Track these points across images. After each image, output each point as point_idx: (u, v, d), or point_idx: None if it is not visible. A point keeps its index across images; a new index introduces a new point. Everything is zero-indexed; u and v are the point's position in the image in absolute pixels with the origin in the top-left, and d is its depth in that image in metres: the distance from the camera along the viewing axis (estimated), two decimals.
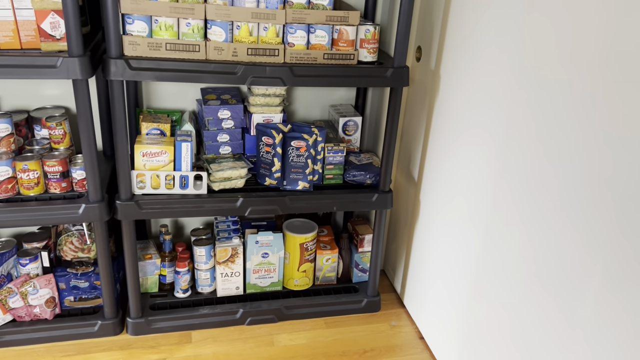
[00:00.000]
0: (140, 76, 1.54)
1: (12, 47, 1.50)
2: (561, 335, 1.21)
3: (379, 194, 1.87)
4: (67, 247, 1.88)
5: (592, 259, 1.11)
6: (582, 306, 1.14)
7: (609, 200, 1.06)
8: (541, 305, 1.28)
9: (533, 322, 1.31)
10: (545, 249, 1.25)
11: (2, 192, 1.63)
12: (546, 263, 1.25)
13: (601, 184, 1.08)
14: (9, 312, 1.76)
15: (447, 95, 1.72)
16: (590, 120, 1.11)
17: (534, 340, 1.30)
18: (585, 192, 1.12)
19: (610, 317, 1.07)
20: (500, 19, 1.41)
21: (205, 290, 1.98)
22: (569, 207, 1.17)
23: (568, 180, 1.17)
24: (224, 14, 1.56)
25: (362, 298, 2.05)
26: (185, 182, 1.74)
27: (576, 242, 1.15)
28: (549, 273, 1.24)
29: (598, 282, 1.10)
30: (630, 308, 1.02)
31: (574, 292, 1.16)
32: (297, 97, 2.12)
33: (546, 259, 1.25)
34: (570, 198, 1.16)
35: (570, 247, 1.17)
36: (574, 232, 1.16)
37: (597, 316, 1.10)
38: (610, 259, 1.07)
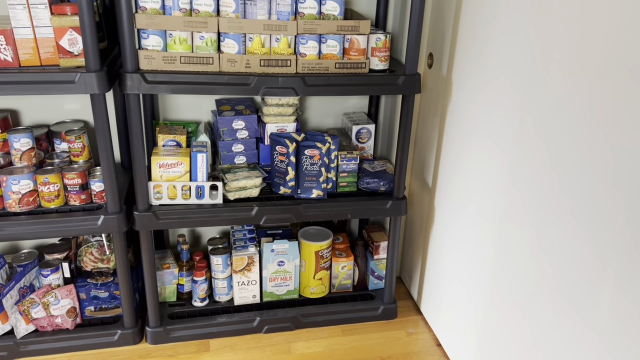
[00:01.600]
0: (155, 89, 1.57)
1: (32, 63, 1.55)
2: (576, 339, 1.20)
3: (393, 201, 1.88)
4: (87, 257, 1.91)
5: (604, 262, 1.10)
6: (597, 309, 1.13)
7: (620, 204, 1.06)
8: (556, 310, 1.26)
9: (549, 326, 1.30)
10: (558, 253, 1.25)
11: (23, 205, 1.68)
12: (559, 267, 1.24)
13: (612, 188, 1.08)
14: (32, 322, 1.80)
15: (459, 101, 1.72)
16: (600, 125, 1.10)
17: (550, 345, 1.29)
18: (596, 196, 1.12)
19: (625, 320, 1.06)
20: (511, 25, 1.41)
21: (222, 299, 2.00)
22: (580, 211, 1.16)
23: (579, 184, 1.17)
24: (236, 26, 1.59)
25: (379, 305, 2.05)
26: (201, 192, 1.76)
27: (588, 245, 1.15)
28: (563, 277, 1.23)
29: (611, 284, 1.09)
30: None
31: (588, 296, 1.16)
32: (310, 106, 2.14)
33: (559, 263, 1.24)
34: (581, 202, 1.16)
35: (583, 250, 1.16)
36: (586, 236, 1.15)
37: (612, 319, 1.09)
38: (623, 262, 1.06)
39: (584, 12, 1.14)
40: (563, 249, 1.24)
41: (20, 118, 1.91)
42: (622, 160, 1.06)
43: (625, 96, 1.05)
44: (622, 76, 1.05)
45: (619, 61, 1.05)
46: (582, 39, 1.15)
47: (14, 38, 1.51)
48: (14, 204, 1.67)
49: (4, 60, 1.51)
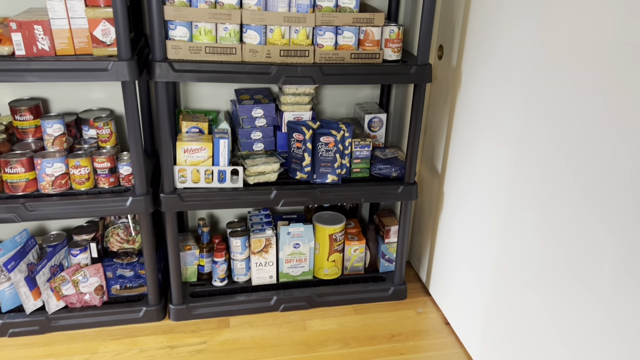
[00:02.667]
0: (182, 77, 1.67)
1: (67, 52, 1.64)
2: (578, 313, 1.29)
3: (404, 186, 1.97)
4: (113, 238, 2.02)
5: (605, 239, 1.19)
6: (598, 281, 1.22)
7: (619, 187, 1.15)
8: (560, 286, 1.36)
9: (552, 304, 1.39)
10: (561, 232, 1.34)
11: (56, 187, 1.78)
12: (563, 246, 1.33)
13: (611, 170, 1.17)
14: (62, 298, 1.90)
15: (468, 91, 1.81)
16: (601, 112, 1.19)
17: (554, 322, 1.38)
18: (596, 178, 1.21)
19: (623, 293, 1.15)
20: (519, 17, 1.50)
21: (240, 279, 2.10)
22: (581, 193, 1.25)
23: (582, 167, 1.26)
24: (258, 18, 1.69)
25: (389, 286, 2.14)
26: (223, 177, 1.86)
27: (589, 223, 1.24)
28: (566, 254, 1.32)
29: (610, 260, 1.18)
30: None
31: (589, 269, 1.25)
32: (324, 96, 2.23)
33: (563, 242, 1.33)
34: (583, 184, 1.25)
35: (584, 228, 1.25)
36: (587, 214, 1.24)
37: (612, 292, 1.18)
38: (622, 239, 1.15)
39: (591, 2, 1.23)
40: (566, 227, 1.33)
41: (50, 106, 2.01)
42: (619, 145, 1.15)
43: (629, 83, 1.14)
44: (627, 64, 1.14)
45: (623, 50, 1.14)
46: (589, 28, 1.24)
47: (50, 29, 1.60)
48: (48, 186, 1.77)
49: (41, 49, 1.61)
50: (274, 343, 1.89)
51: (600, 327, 1.23)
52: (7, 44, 1.60)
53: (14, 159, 1.72)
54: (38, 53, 1.61)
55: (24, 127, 1.86)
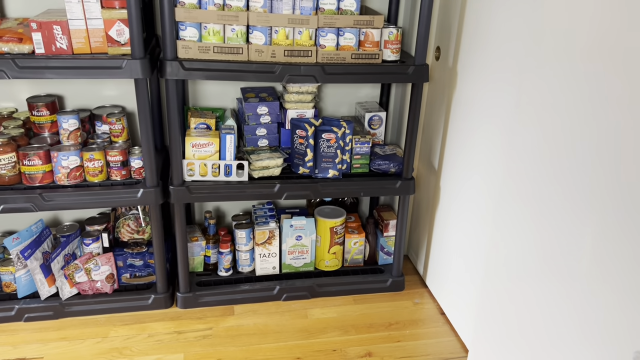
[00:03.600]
0: (191, 76, 1.77)
1: (83, 51, 1.74)
2: (568, 306, 1.37)
3: (402, 181, 2.06)
4: (124, 229, 2.11)
5: (595, 231, 1.28)
6: (586, 272, 1.31)
7: (606, 178, 1.24)
8: (550, 278, 1.44)
9: (542, 295, 1.47)
10: (550, 226, 1.42)
11: (71, 179, 1.87)
12: (552, 239, 1.42)
13: (593, 160, 1.25)
14: (75, 285, 2.00)
15: (463, 90, 1.90)
16: (585, 107, 1.28)
17: (540, 304, 1.47)
18: (584, 173, 1.30)
19: (604, 270, 1.24)
20: (510, 20, 1.59)
21: (245, 269, 2.19)
22: (566, 182, 1.34)
23: (567, 158, 1.34)
24: (264, 20, 1.78)
25: (388, 278, 2.23)
26: (229, 170, 1.95)
27: (578, 216, 1.32)
28: (554, 248, 1.41)
29: (593, 249, 1.26)
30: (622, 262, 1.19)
31: (576, 262, 1.33)
32: (326, 95, 2.32)
33: (552, 236, 1.42)
34: (570, 177, 1.34)
35: (572, 222, 1.34)
36: (568, 202, 1.33)
37: (597, 282, 1.27)
38: (601, 222, 1.23)
39: (577, 5, 1.32)
40: (555, 220, 1.41)
41: (65, 103, 2.11)
42: (600, 135, 1.24)
43: (604, 85, 1.22)
44: (604, 66, 1.23)
45: (600, 51, 1.23)
46: (570, 28, 1.33)
47: (69, 29, 1.70)
48: (63, 178, 1.86)
49: (59, 48, 1.71)
50: (276, 330, 1.98)
51: (587, 316, 1.31)
52: (27, 42, 1.70)
53: (32, 152, 1.82)
54: (56, 52, 1.71)
55: (40, 122, 1.95)
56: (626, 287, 1.18)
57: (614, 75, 1.20)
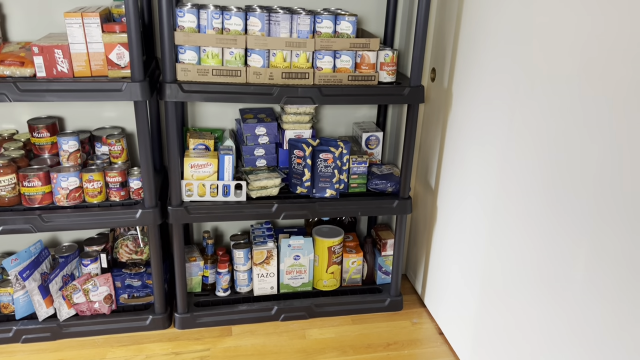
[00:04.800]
0: (190, 98, 1.79)
1: (84, 74, 1.77)
2: (564, 323, 1.38)
3: (399, 201, 2.08)
4: (122, 249, 2.12)
5: (577, 242, 1.29)
6: (581, 289, 1.32)
7: (589, 195, 1.25)
8: (546, 297, 1.45)
9: (539, 314, 1.48)
10: (544, 244, 1.44)
11: (70, 200, 1.89)
12: (547, 257, 1.43)
13: (581, 181, 1.27)
14: (73, 306, 2.00)
15: (458, 110, 1.93)
16: (574, 126, 1.30)
17: (541, 332, 1.47)
18: (569, 189, 1.31)
19: (598, 287, 1.24)
20: (502, 44, 1.62)
21: (243, 289, 2.19)
22: (558, 200, 1.36)
23: (559, 178, 1.36)
24: (262, 43, 1.81)
25: (386, 298, 2.23)
26: (227, 191, 1.97)
27: (564, 227, 1.34)
28: (549, 266, 1.42)
29: (584, 260, 1.28)
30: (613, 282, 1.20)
31: (571, 280, 1.34)
32: (324, 116, 2.35)
33: (547, 254, 1.43)
34: (561, 192, 1.35)
35: (559, 233, 1.35)
36: (562, 220, 1.34)
37: (593, 297, 1.28)
38: (592, 245, 1.25)
39: (558, 30, 1.35)
40: (549, 238, 1.43)
41: (65, 124, 2.13)
42: (588, 157, 1.26)
43: (591, 105, 1.25)
44: (590, 87, 1.26)
45: (587, 73, 1.26)
46: (560, 58, 1.36)
47: (70, 52, 1.73)
48: (62, 199, 1.88)
49: (60, 71, 1.74)
50: (274, 350, 1.98)
51: (584, 332, 1.32)
52: (29, 66, 1.73)
53: (32, 173, 1.83)
54: (57, 75, 1.74)
55: (41, 144, 1.98)
56: (621, 303, 1.18)
57: (602, 97, 1.22)
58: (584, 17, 1.27)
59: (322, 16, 1.84)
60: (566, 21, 1.33)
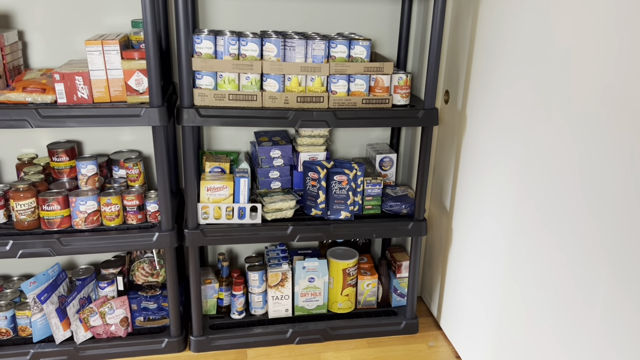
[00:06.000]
0: (207, 122, 1.82)
1: (103, 100, 1.80)
2: (585, 349, 1.36)
3: (414, 222, 2.07)
4: (139, 272, 2.13)
5: (598, 268, 1.28)
6: (601, 316, 1.30)
7: (609, 218, 1.24)
8: (561, 316, 1.43)
9: (559, 339, 1.46)
10: (564, 268, 1.42)
11: (88, 223, 1.91)
12: (566, 281, 1.42)
13: (602, 204, 1.27)
14: (90, 329, 2.00)
15: (473, 132, 1.94)
16: (594, 149, 1.30)
17: (559, 352, 1.45)
18: (591, 211, 1.31)
19: (619, 315, 1.23)
20: (518, 66, 1.63)
21: (258, 312, 2.19)
22: (578, 224, 1.35)
23: (578, 201, 1.35)
24: (277, 68, 1.84)
25: (401, 320, 2.21)
26: (242, 213, 1.98)
27: (584, 252, 1.33)
28: (565, 283, 1.41)
29: (604, 286, 1.26)
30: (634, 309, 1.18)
31: (585, 297, 1.33)
32: (337, 137, 2.37)
33: (567, 278, 1.42)
34: (580, 215, 1.34)
35: (580, 258, 1.34)
36: (582, 245, 1.33)
37: (614, 325, 1.26)
38: (613, 271, 1.23)
39: (579, 56, 1.36)
40: (568, 262, 1.41)
41: (83, 148, 2.17)
42: (608, 180, 1.25)
43: (611, 129, 1.25)
44: (609, 110, 1.26)
45: (605, 97, 1.26)
46: (576, 81, 1.37)
47: (90, 79, 1.77)
48: (81, 222, 1.90)
49: (80, 97, 1.77)
50: None
51: (606, 359, 1.30)
52: (50, 93, 1.77)
53: (51, 197, 1.86)
54: (78, 101, 1.78)
55: (60, 168, 2.01)
56: None
57: (617, 122, 1.22)
58: (604, 40, 1.28)
59: (336, 41, 1.87)
60: (586, 44, 1.34)
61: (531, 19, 1.55)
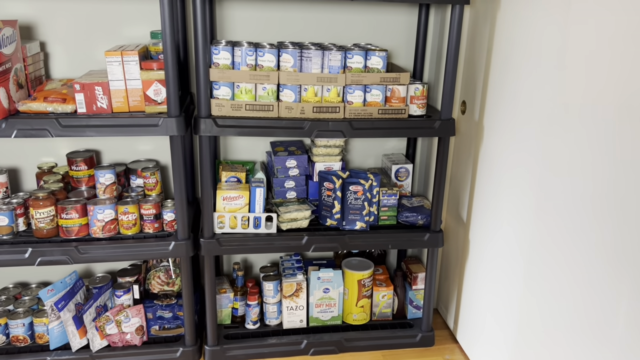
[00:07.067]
0: (224, 132, 1.83)
1: (121, 110, 1.83)
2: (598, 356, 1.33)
3: (430, 234, 2.05)
4: (155, 281, 2.14)
5: (619, 288, 1.25)
6: (619, 332, 1.27)
7: (633, 235, 1.22)
8: (581, 333, 1.40)
9: (575, 351, 1.43)
10: (583, 283, 1.40)
11: (106, 232, 1.92)
12: (585, 297, 1.39)
13: (625, 219, 1.24)
14: (106, 337, 2.01)
15: (490, 143, 1.92)
16: (615, 162, 1.28)
17: None
18: (613, 226, 1.28)
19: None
20: (536, 76, 1.62)
21: (272, 322, 2.18)
22: (599, 240, 1.32)
23: (601, 216, 1.33)
24: (294, 79, 1.85)
25: (417, 333, 2.19)
26: (258, 223, 1.98)
27: (605, 269, 1.30)
28: (588, 306, 1.38)
29: (626, 307, 1.23)
30: None
31: (605, 318, 1.30)
32: (353, 147, 2.36)
33: (586, 293, 1.39)
34: (601, 232, 1.32)
35: (601, 275, 1.31)
36: (603, 261, 1.30)
37: (629, 338, 1.23)
38: (636, 287, 1.21)
39: (596, 64, 1.34)
40: (587, 277, 1.39)
41: (101, 157, 2.19)
42: (632, 191, 1.23)
43: (633, 135, 1.23)
44: (632, 117, 1.24)
45: (627, 105, 1.24)
46: (595, 89, 1.35)
47: (109, 89, 1.79)
48: (98, 231, 1.92)
49: (100, 107, 1.80)
50: None
51: None
52: (70, 102, 1.79)
53: (70, 205, 1.88)
54: (97, 111, 1.80)
55: (78, 177, 2.03)
56: None
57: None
58: (623, 48, 1.27)
59: (352, 52, 1.87)
60: (605, 52, 1.32)
61: (549, 28, 1.54)
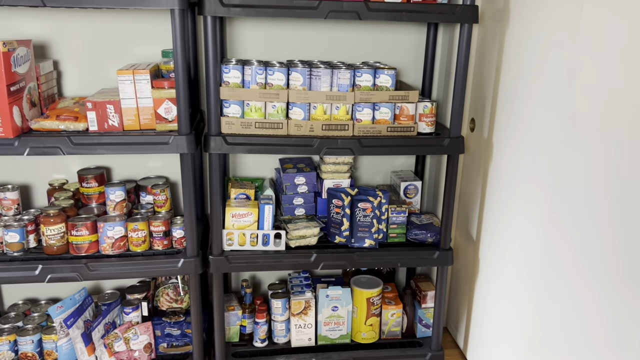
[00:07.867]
0: (234, 150, 1.84)
1: (133, 128, 1.84)
2: None
3: (440, 252, 2.04)
4: (163, 298, 2.14)
5: (631, 311, 1.24)
6: (629, 349, 1.25)
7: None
8: (594, 358, 1.38)
9: None
10: (593, 302, 1.38)
11: (115, 249, 1.93)
12: (595, 315, 1.37)
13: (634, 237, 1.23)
14: (114, 355, 2.01)
15: (499, 160, 1.91)
16: (626, 182, 1.27)
17: None
18: (622, 246, 1.27)
19: None
20: (545, 93, 1.62)
21: (280, 340, 2.17)
22: (609, 260, 1.31)
23: (612, 234, 1.32)
24: (303, 97, 1.86)
25: (427, 352, 2.16)
26: (266, 240, 1.98)
27: (618, 290, 1.28)
28: (598, 324, 1.36)
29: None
30: None
31: (619, 341, 1.28)
32: (362, 164, 2.37)
33: (596, 312, 1.37)
34: (612, 252, 1.31)
35: (613, 295, 1.30)
36: (615, 281, 1.29)
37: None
38: None
39: (608, 82, 1.34)
40: (598, 296, 1.37)
41: (112, 174, 2.21)
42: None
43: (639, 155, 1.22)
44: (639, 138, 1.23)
45: (634, 128, 1.24)
46: (604, 108, 1.35)
47: (121, 107, 1.81)
48: (108, 248, 1.92)
49: (111, 125, 1.82)
50: None
51: None
52: (82, 121, 1.82)
53: (80, 222, 1.89)
54: (108, 129, 1.82)
55: (89, 194, 2.05)
56: None
57: None
58: (632, 68, 1.27)
59: (361, 70, 1.88)
60: (615, 72, 1.32)
61: (558, 47, 1.54)
